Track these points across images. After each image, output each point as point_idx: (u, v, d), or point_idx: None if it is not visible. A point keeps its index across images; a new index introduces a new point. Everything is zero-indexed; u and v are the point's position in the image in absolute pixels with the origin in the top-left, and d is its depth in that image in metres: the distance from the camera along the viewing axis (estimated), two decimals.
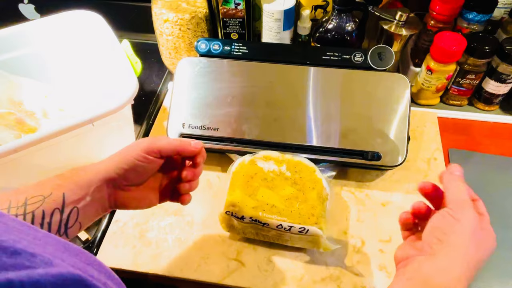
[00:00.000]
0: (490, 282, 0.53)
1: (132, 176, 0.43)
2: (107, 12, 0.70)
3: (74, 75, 0.72)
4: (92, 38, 0.69)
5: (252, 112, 0.61)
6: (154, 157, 0.43)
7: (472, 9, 0.65)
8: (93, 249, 0.56)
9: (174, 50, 0.75)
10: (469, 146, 0.68)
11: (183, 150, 0.44)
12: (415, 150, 0.66)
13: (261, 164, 0.56)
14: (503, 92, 0.69)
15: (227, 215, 0.52)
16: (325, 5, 0.72)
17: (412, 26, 0.68)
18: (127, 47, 0.84)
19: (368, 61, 0.61)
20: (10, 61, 0.68)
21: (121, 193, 0.43)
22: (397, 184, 0.62)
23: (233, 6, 0.70)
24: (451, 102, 0.74)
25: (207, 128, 0.61)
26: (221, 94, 0.62)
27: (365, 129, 0.59)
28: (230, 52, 0.64)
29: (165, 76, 0.81)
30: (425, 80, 0.70)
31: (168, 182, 0.48)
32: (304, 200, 0.53)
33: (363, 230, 0.57)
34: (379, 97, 0.60)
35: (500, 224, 0.58)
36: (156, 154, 0.43)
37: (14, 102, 0.66)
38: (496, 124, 0.72)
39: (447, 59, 0.65)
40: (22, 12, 0.88)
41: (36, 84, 0.69)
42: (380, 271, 0.53)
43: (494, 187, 0.62)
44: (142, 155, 0.42)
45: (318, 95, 0.61)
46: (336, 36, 0.68)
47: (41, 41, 0.70)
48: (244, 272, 0.54)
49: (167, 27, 0.71)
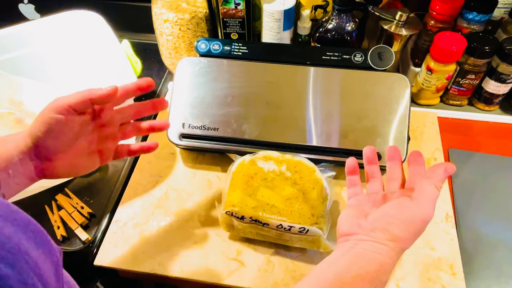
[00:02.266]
0: (489, 282, 0.53)
1: (52, 142, 0.40)
2: (107, 12, 0.70)
3: (74, 75, 0.72)
4: (92, 38, 0.69)
5: (252, 112, 0.61)
6: (67, 114, 0.39)
7: (472, 9, 0.65)
8: (93, 249, 0.56)
9: (174, 50, 0.75)
10: (469, 146, 0.68)
11: (95, 96, 0.40)
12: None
13: (261, 164, 0.56)
14: (503, 92, 0.69)
15: (227, 215, 0.52)
16: (325, 5, 0.72)
17: (412, 26, 0.68)
18: (127, 47, 0.84)
19: (368, 61, 0.61)
20: (10, 61, 0.68)
21: (47, 163, 0.40)
22: None
23: (233, 6, 0.70)
24: (451, 102, 0.74)
25: (207, 128, 0.61)
26: (221, 94, 0.62)
27: (365, 129, 0.59)
28: (230, 52, 0.64)
29: (165, 76, 0.81)
30: (425, 80, 0.70)
31: (106, 140, 0.44)
32: (304, 200, 0.53)
33: None
34: (379, 97, 0.60)
35: (500, 224, 0.58)
36: (67, 110, 0.39)
37: (14, 102, 0.66)
38: (496, 124, 0.72)
39: (447, 59, 0.65)
40: (22, 12, 0.88)
41: (36, 84, 0.69)
42: None
43: (494, 187, 0.62)
44: (52, 117, 0.39)
45: (318, 95, 0.61)
46: (336, 36, 0.68)
47: (41, 41, 0.70)
48: (244, 272, 0.54)
49: (167, 27, 0.71)
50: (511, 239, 0.56)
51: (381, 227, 0.38)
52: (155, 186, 0.63)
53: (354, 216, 0.42)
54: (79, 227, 0.59)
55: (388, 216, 0.39)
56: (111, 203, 0.61)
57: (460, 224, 0.58)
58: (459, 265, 0.53)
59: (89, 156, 0.44)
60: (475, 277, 0.53)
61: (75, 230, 0.59)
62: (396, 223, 0.38)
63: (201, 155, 0.67)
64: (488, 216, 0.59)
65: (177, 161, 0.66)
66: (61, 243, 0.58)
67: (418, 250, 0.55)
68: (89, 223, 0.60)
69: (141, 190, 0.63)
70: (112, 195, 0.63)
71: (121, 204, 0.61)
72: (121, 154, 0.49)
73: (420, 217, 0.38)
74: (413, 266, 0.53)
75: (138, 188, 0.63)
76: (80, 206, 0.61)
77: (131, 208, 0.60)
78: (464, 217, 0.59)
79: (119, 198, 0.62)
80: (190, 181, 0.64)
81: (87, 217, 0.60)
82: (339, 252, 0.39)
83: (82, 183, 0.65)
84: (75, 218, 0.59)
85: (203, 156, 0.67)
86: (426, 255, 0.54)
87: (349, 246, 0.39)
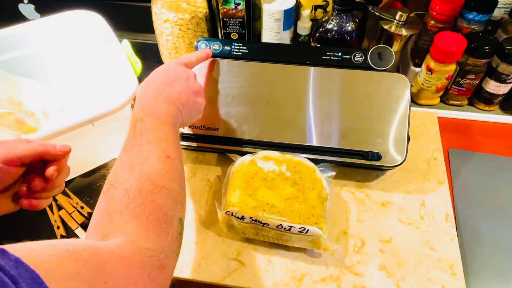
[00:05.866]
0: (489, 281, 0.53)
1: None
2: (107, 12, 0.70)
3: (74, 75, 0.72)
4: (92, 38, 0.69)
5: (252, 112, 0.61)
6: (14, 165, 0.39)
7: (472, 9, 0.65)
8: None
9: (174, 50, 0.75)
10: (469, 146, 0.68)
11: (48, 154, 0.41)
12: (415, 150, 0.66)
13: (261, 164, 0.56)
14: (503, 92, 0.69)
15: (227, 215, 0.52)
16: (325, 5, 0.72)
17: (412, 26, 0.68)
18: (127, 47, 0.84)
19: (368, 61, 0.61)
20: (10, 61, 0.68)
21: None
22: (397, 184, 0.62)
23: (233, 6, 0.70)
24: (451, 102, 0.74)
25: (207, 128, 0.61)
26: (221, 94, 0.62)
27: (365, 129, 0.59)
28: (230, 52, 0.64)
29: None
30: (425, 80, 0.70)
31: (26, 185, 0.42)
32: (304, 200, 0.53)
33: (363, 230, 0.57)
34: (379, 97, 0.60)
35: (500, 224, 0.58)
36: (16, 163, 0.39)
37: (14, 102, 0.66)
38: (496, 124, 0.72)
39: (447, 59, 0.65)
40: (22, 12, 0.88)
41: (36, 84, 0.69)
42: (380, 271, 0.53)
43: (494, 187, 0.62)
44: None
45: (318, 95, 0.61)
46: (336, 36, 0.68)
47: (41, 41, 0.70)
48: (244, 272, 0.54)
49: (167, 27, 0.71)
50: (511, 239, 0.56)
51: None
52: None
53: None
54: (79, 227, 0.59)
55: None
56: None
57: (460, 224, 0.58)
58: (459, 265, 0.53)
59: (11, 199, 0.42)
60: (475, 277, 0.53)
61: (75, 230, 0.59)
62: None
63: (201, 155, 0.67)
64: (488, 216, 0.59)
65: None
66: None
67: (418, 250, 0.55)
68: (89, 223, 0.60)
69: None
70: None
71: None
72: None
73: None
74: (413, 266, 0.53)
75: None
76: (80, 206, 0.61)
77: None
78: (464, 217, 0.59)
79: None
80: (190, 181, 0.64)
81: (87, 217, 0.60)
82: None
83: (82, 183, 0.65)
84: (75, 218, 0.59)
85: (203, 156, 0.67)
86: (426, 255, 0.54)
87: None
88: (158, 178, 0.39)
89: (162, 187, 0.38)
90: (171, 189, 0.39)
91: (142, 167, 0.39)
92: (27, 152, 0.39)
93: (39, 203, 0.42)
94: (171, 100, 0.47)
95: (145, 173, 0.38)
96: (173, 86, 0.48)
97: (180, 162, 0.43)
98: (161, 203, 0.37)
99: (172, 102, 0.47)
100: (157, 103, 0.45)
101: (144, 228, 0.35)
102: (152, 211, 0.36)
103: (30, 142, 0.41)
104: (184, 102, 0.48)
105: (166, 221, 0.37)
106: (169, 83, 0.48)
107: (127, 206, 0.36)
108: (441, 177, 0.62)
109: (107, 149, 0.66)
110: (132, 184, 0.37)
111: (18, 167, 0.40)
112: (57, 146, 0.41)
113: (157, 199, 0.37)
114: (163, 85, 0.48)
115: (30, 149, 0.40)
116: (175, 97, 0.47)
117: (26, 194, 0.42)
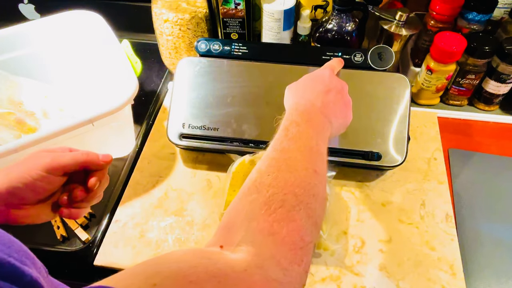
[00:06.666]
0: (489, 281, 0.53)
1: (29, 195, 0.39)
2: (107, 12, 0.70)
3: (74, 75, 0.72)
4: (92, 38, 0.69)
5: (252, 112, 0.61)
6: (57, 175, 0.39)
7: (472, 9, 0.65)
8: (93, 249, 0.56)
9: (174, 50, 0.75)
10: (469, 146, 0.68)
11: (91, 164, 0.41)
12: (415, 150, 0.66)
13: None
14: (503, 92, 0.69)
15: None
16: (325, 5, 0.72)
17: (412, 26, 0.68)
18: (127, 47, 0.84)
19: (368, 61, 0.61)
20: (10, 61, 0.68)
21: (14, 212, 0.39)
22: (397, 184, 0.62)
23: (233, 6, 0.70)
24: (451, 102, 0.74)
25: (207, 128, 0.61)
26: (221, 94, 0.62)
27: (365, 129, 0.59)
28: (230, 52, 0.64)
29: (165, 76, 0.81)
30: (425, 80, 0.70)
31: (67, 194, 0.42)
32: None
33: (363, 230, 0.57)
34: (379, 97, 0.60)
35: (500, 224, 0.58)
36: (59, 172, 0.39)
37: (14, 102, 0.66)
38: (496, 124, 0.72)
39: (447, 59, 0.65)
40: (22, 12, 0.88)
41: (36, 84, 0.69)
42: (380, 271, 0.53)
43: (494, 187, 0.62)
44: (42, 175, 0.38)
45: None
46: (336, 36, 0.68)
47: (41, 41, 0.70)
48: None
49: (167, 27, 0.71)
50: (511, 239, 0.56)
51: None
52: (155, 186, 0.63)
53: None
54: (79, 227, 0.59)
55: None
56: (111, 203, 0.61)
57: (460, 224, 0.58)
58: (459, 265, 0.53)
59: (52, 208, 0.43)
60: (475, 277, 0.53)
61: (75, 230, 0.59)
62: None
63: (201, 155, 0.67)
64: (488, 216, 0.59)
65: (177, 161, 0.66)
66: (61, 243, 0.58)
67: (418, 250, 0.55)
68: (89, 223, 0.60)
69: (141, 190, 0.63)
70: (112, 195, 0.63)
71: (121, 204, 0.61)
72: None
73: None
74: (413, 266, 0.53)
75: (138, 188, 0.63)
76: None
77: (131, 208, 0.60)
78: (464, 217, 0.59)
79: (119, 198, 0.62)
80: (190, 181, 0.64)
81: (87, 217, 0.60)
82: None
83: None
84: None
85: (203, 156, 0.67)
86: (426, 255, 0.54)
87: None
88: (302, 193, 0.34)
89: (305, 205, 0.34)
90: (313, 208, 0.35)
91: (288, 177, 0.35)
92: (70, 161, 0.39)
93: (78, 213, 0.42)
94: (327, 110, 0.44)
95: (290, 184, 0.34)
96: (329, 95, 0.45)
97: (324, 180, 0.39)
98: (301, 224, 0.32)
99: (326, 114, 0.44)
100: (314, 110, 0.43)
101: (278, 250, 0.30)
102: (290, 231, 0.31)
103: (72, 151, 0.41)
104: (337, 115, 0.45)
105: (303, 247, 0.32)
106: (326, 92, 0.45)
107: (266, 218, 0.32)
108: (441, 177, 0.62)
109: (107, 149, 0.66)
110: (276, 193, 0.33)
111: (61, 177, 0.40)
112: (100, 155, 0.42)
113: (297, 218, 0.32)
114: (320, 92, 0.45)
115: (73, 158, 0.40)
116: (330, 108, 0.44)
117: (66, 203, 0.42)
